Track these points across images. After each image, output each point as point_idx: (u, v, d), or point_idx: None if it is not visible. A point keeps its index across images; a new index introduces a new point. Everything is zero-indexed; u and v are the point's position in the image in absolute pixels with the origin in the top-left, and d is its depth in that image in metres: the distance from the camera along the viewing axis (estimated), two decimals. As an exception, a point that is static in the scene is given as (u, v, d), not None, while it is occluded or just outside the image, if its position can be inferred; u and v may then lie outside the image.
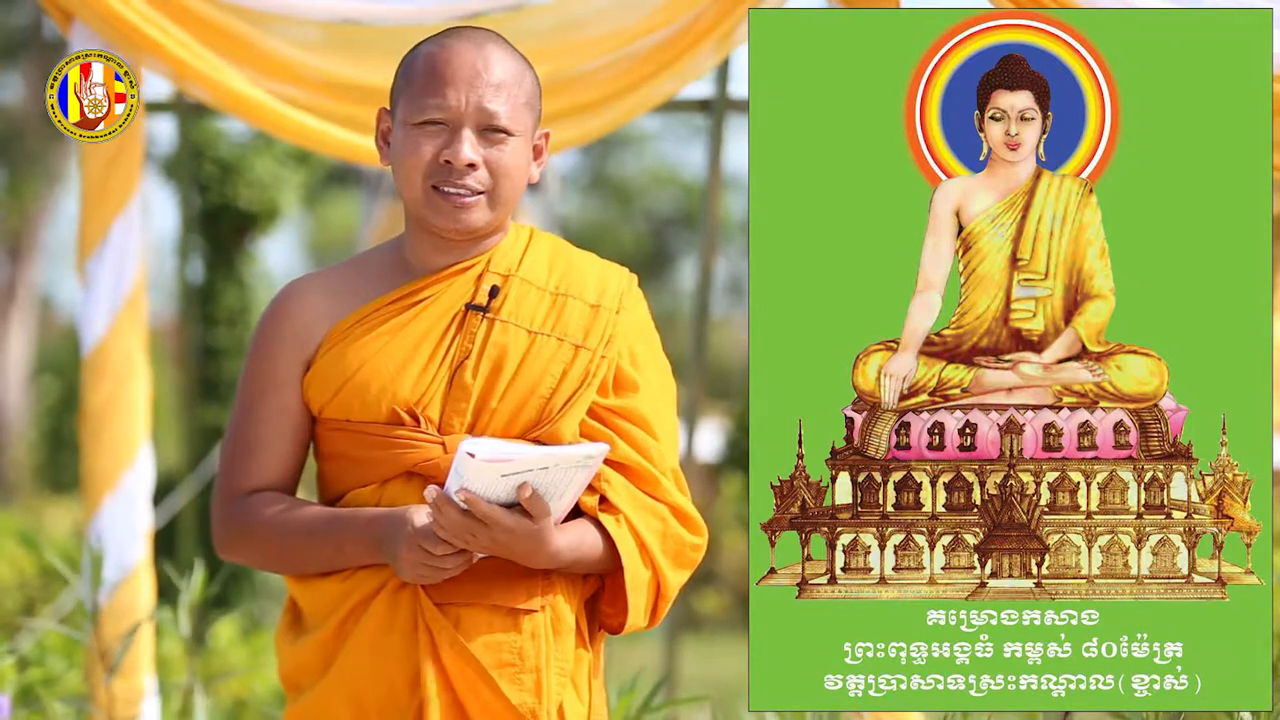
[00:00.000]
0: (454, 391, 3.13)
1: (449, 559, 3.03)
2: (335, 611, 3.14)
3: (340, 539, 3.11)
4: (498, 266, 3.19)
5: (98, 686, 4.93)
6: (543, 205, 9.24)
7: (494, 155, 3.12)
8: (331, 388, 3.16)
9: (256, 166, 12.05)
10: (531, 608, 3.11)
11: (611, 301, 3.20)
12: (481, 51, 3.13)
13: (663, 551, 3.16)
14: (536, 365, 3.14)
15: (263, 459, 3.19)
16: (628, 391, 3.19)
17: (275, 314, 3.21)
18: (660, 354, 3.27)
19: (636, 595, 3.13)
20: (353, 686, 3.12)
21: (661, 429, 3.20)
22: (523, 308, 3.16)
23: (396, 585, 3.11)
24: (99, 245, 5.02)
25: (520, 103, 3.14)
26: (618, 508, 3.14)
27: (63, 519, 15.65)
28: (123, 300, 5.03)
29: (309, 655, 3.16)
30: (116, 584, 4.96)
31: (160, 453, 5.96)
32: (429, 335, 3.15)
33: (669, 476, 3.19)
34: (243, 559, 3.24)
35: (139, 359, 5.05)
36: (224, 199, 12.02)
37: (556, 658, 3.12)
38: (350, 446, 3.16)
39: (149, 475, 5.08)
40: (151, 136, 12.26)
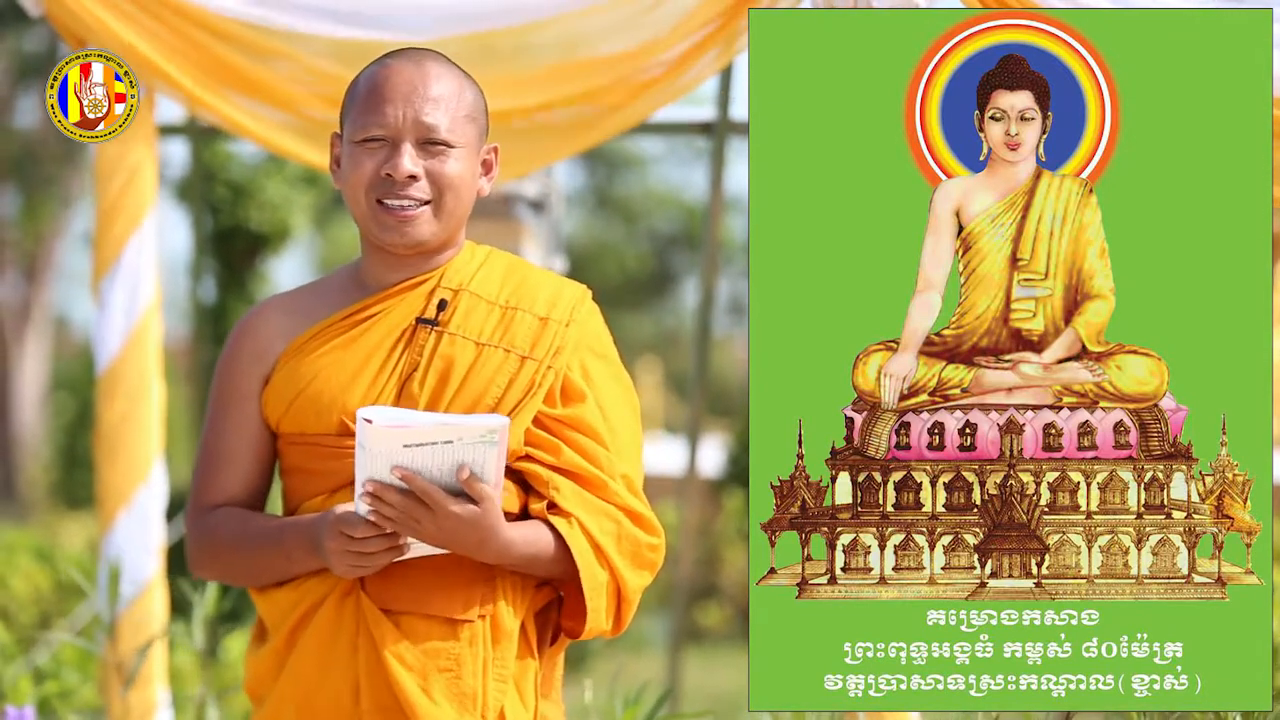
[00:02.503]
0: (402, 402, 3.17)
1: (372, 543, 3.05)
2: (287, 620, 3.18)
3: (288, 546, 3.16)
4: (449, 281, 3.24)
5: (113, 699, 4.96)
6: (547, 225, 9.26)
7: (435, 166, 3.17)
8: (286, 401, 3.22)
9: (267, 188, 12.10)
10: (469, 618, 3.13)
11: (561, 314, 3.23)
12: (420, 68, 3.19)
13: (619, 552, 3.17)
14: (482, 376, 3.18)
15: (226, 474, 3.26)
16: (575, 402, 3.21)
17: (238, 333, 3.29)
18: (616, 366, 3.29)
19: (595, 597, 3.15)
20: (301, 694, 3.16)
21: (613, 438, 3.22)
22: (471, 320, 3.21)
23: (343, 593, 3.15)
24: (113, 265, 5.06)
25: (460, 115, 3.19)
26: (568, 511, 3.15)
27: (78, 535, 15.68)
28: (136, 319, 5.06)
29: (265, 665, 3.22)
30: (131, 598, 5.00)
31: (173, 469, 5.99)
32: (379, 349, 3.20)
33: (618, 481, 3.20)
34: (211, 574, 3.30)
35: (153, 377, 5.09)
36: (236, 220, 12.07)
37: (495, 664, 3.14)
38: (306, 459, 3.22)
39: (162, 491, 5.12)
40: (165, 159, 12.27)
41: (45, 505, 19.98)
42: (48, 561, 10.33)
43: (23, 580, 10.19)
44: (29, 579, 10.19)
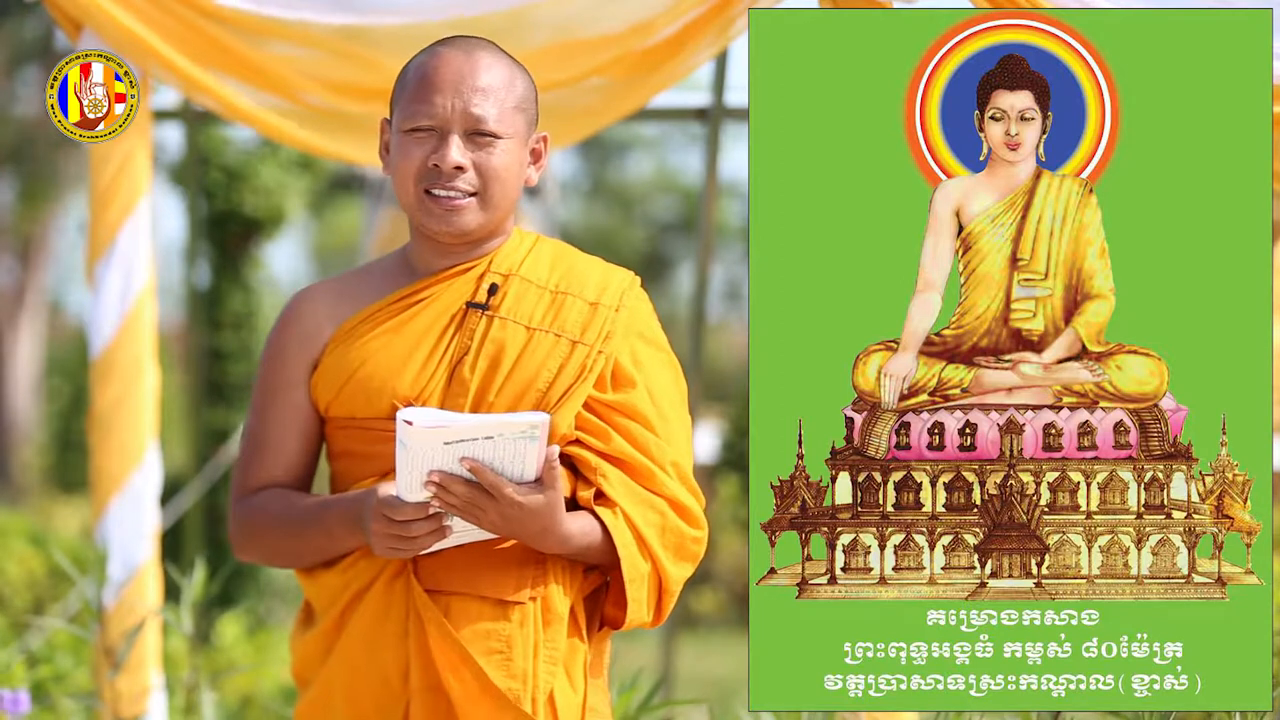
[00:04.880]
0: (453, 387, 3.17)
1: (416, 525, 3.05)
2: (336, 602, 3.19)
3: (329, 524, 3.16)
4: (499, 267, 3.25)
5: (105, 684, 4.96)
6: (542, 211, 9.25)
7: (482, 158, 3.18)
8: (336, 385, 3.22)
9: (262, 173, 12.09)
10: (520, 600, 3.14)
11: (611, 300, 3.24)
12: (470, 58, 3.19)
13: (662, 545, 3.18)
14: (533, 360, 3.18)
15: (271, 458, 3.26)
16: (625, 387, 3.22)
17: (285, 319, 3.28)
18: (667, 352, 3.30)
19: (635, 588, 3.16)
20: (349, 677, 3.16)
21: (663, 425, 3.23)
22: (522, 305, 3.21)
23: (392, 575, 3.15)
24: (107, 250, 5.06)
25: (509, 106, 3.19)
26: (614, 501, 3.16)
27: (72, 519, 15.71)
28: (131, 304, 5.06)
29: (313, 648, 3.22)
30: (124, 583, 5.01)
31: (167, 454, 6.01)
32: (429, 332, 3.21)
33: (669, 470, 3.22)
34: (254, 556, 3.30)
35: (147, 362, 5.10)
36: (230, 205, 12.06)
37: (546, 645, 3.15)
38: (356, 443, 3.22)
39: (156, 476, 5.13)
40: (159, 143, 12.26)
41: (39, 489, 20.01)
42: (41, 546, 10.34)
43: (16, 565, 10.20)
44: (23, 563, 10.20)
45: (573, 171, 29.35)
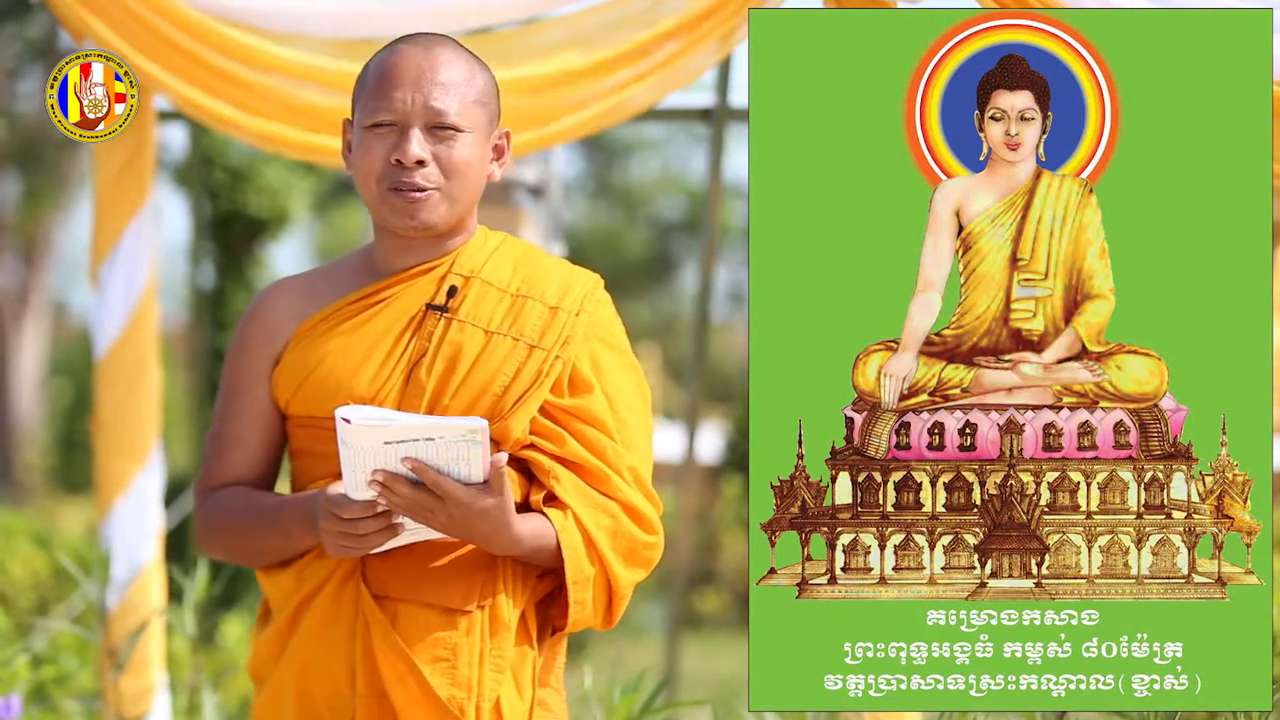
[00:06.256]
0: (409, 388, 3.18)
1: (364, 524, 3.04)
2: (289, 602, 3.19)
3: (286, 524, 3.17)
4: (460, 268, 3.24)
5: (108, 684, 4.98)
6: (546, 212, 9.24)
7: (443, 151, 3.17)
8: (295, 383, 3.23)
9: (266, 173, 12.09)
10: (467, 608, 3.14)
11: (572, 304, 3.23)
12: (429, 54, 3.19)
13: (613, 549, 3.18)
14: (490, 364, 3.18)
15: (235, 455, 3.27)
16: (583, 392, 3.22)
17: (249, 315, 3.29)
18: (627, 356, 3.29)
19: (580, 589, 3.15)
20: (300, 678, 3.17)
21: (621, 430, 3.22)
22: (481, 308, 3.21)
23: (342, 578, 3.16)
24: (112, 251, 5.07)
25: (469, 100, 3.19)
26: (566, 504, 3.16)
27: (76, 520, 15.71)
28: (135, 305, 5.07)
29: (267, 646, 3.23)
30: (128, 584, 5.02)
31: (171, 455, 6.02)
32: (388, 334, 3.21)
33: (625, 475, 3.21)
34: (218, 553, 3.31)
35: (150, 363, 5.11)
36: (234, 205, 12.06)
37: (492, 654, 3.14)
38: (314, 442, 3.23)
39: (160, 477, 5.14)
40: (163, 144, 12.27)
41: (43, 490, 20.03)
42: (45, 546, 10.34)
43: (20, 565, 10.21)
44: (27, 564, 10.21)
45: (577, 172, 29.37)
